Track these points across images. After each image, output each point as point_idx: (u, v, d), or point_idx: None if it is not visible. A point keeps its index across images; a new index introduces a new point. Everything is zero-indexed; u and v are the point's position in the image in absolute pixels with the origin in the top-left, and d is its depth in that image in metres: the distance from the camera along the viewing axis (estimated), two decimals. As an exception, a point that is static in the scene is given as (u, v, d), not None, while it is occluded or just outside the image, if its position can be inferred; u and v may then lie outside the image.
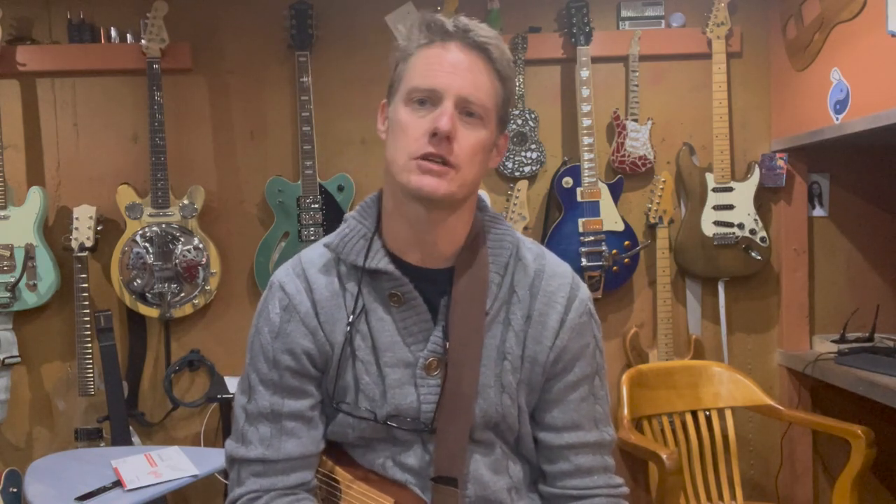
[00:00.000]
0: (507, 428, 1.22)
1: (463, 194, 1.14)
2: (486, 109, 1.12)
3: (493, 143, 1.17)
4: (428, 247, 1.18)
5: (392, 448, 1.20)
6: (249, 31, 2.69)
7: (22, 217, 2.52)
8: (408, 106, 1.12)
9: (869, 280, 2.83)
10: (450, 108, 1.09)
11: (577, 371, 1.22)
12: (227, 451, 1.22)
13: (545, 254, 1.26)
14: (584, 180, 2.63)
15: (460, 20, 1.12)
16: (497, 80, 1.14)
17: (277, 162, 2.71)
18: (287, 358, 1.18)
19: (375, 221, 1.22)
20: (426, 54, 1.12)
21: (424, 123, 1.10)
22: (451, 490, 1.16)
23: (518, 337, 1.20)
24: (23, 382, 2.66)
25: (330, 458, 1.25)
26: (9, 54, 2.58)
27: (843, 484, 2.08)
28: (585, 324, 1.23)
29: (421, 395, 1.17)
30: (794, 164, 2.73)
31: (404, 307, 1.17)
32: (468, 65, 1.11)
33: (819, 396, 2.75)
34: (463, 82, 1.10)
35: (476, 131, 1.12)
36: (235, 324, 2.70)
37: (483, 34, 1.12)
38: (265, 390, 1.19)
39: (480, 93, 1.11)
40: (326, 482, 1.25)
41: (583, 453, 1.22)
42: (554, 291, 1.21)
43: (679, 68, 2.77)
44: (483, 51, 1.12)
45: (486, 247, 1.21)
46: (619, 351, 2.79)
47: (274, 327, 1.19)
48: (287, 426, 1.18)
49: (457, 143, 1.09)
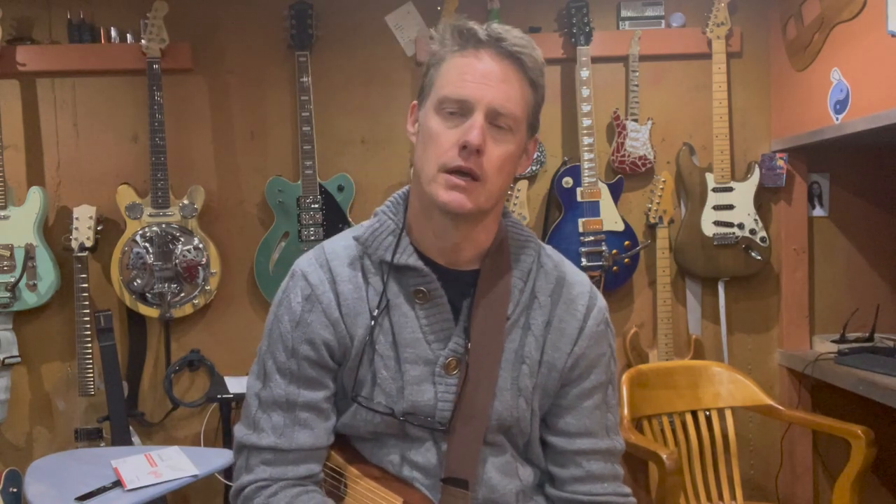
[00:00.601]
0: (519, 431, 1.22)
1: (490, 205, 1.14)
2: (517, 120, 1.12)
3: (522, 151, 1.17)
4: (453, 252, 1.19)
5: (402, 445, 1.20)
6: (249, 31, 2.69)
7: (22, 217, 2.52)
8: (438, 114, 1.11)
9: (869, 280, 2.83)
10: (480, 121, 1.09)
11: (593, 378, 1.24)
12: (236, 436, 1.22)
13: (564, 261, 1.28)
14: (584, 180, 2.63)
15: (493, 27, 1.12)
16: (529, 87, 1.13)
17: (277, 162, 2.71)
18: (306, 348, 1.18)
19: (404, 218, 1.22)
20: (458, 62, 1.11)
21: (455, 135, 1.09)
22: (462, 492, 1.16)
23: (538, 342, 1.21)
24: (23, 382, 2.66)
25: (338, 452, 1.25)
26: (9, 54, 2.58)
27: (843, 484, 2.08)
28: (603, 333, 1.25)
29: (438, 394, 1.18)
30: (794, 164, 2.73)
31: (429, 304, 1.18)
32: (500, 75, 1.10)
33: (819, 396, 2.75)
34: (495, 94, 1.09)
35: (505, 143, 1.11)
36: (235, 324, 2.70)
37: (516, 43, 1.11)
38: (281, 379, 1.19)
39: (511, 104, 1.10)
40: (332, 476, 1.25)
41: (594, 460, 1.23)
42: (574, 299, 1.23)
43: (679, 68, 2.77)
44: (515, 59, 1.11)
45: (510, 252, 1.22)
46: (619, 351, 2.79)
47: (295, 316, 1.19)
48: (301, 417, 1.18)
49: (485, 157, 1.09)
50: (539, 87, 1.15)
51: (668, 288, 2.71)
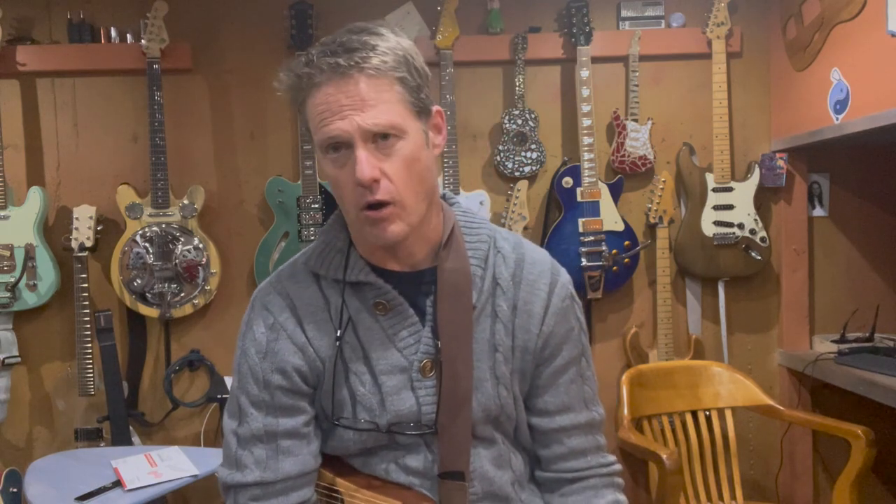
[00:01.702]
0: (507, 419, 1.23)
1: (420, 215, 1.12)
2: (395, 122, 1.06)
3: (424, 138, 1.11)
4: (405, 257, 1.18)
5: (395, 453, 1.20)
6: (249, 31, 2.69)
7: (22, 217, 2.52)
8: (326, 157, 1.09)
9: (869, 280, 2.83)
10: (362, 154, 1.05)
11: (565, 354, 1.23)
12: (220, 478, 1.20)
13: (522, 242, 1.26)
14: (584, 180, 2.63)
15: (324, 58, 1.05)
16: (394, 84, 1.07)
17: (277, 162, 2.71)
18: (278, 377, 1.17)
19: (347, 235, 1.20)
20: (315, 103, 1.07)
21: (348, 174, 1.07)
22: (459, 484, 1.16)
23: (507, 328, 1.20)
24: (23, 382, 2.66)
25: (329, 470, 1.24)
26: (9, 54, 2.58)
27: (843, 484, 2.08)
28: (569, 307, 1.24)
29: (420, 398, 1.17)
30: (794, 164, 2.73)
31: (391, 314, 1.17)
32: (357, 94, 1.04)
33: (819, 396, 2.75)
34: (361, 118, 1.04)
35: (398, 151, 1.07)
36: (235, 324, 2.68)
37: (354, 60, 1.04)
38: (257, 412, 1.17)
39: (382, 117, 1.05)
40: (327, 495, 1.24)
41: (575, 435, 1.24)
42: (536, 279, 1.22)
43: (679, 68, 2.77)
44: (361, 69, 1.05)
45: (464, 241, 1.21)
46: (619, 351, 2.79)
47: (261, 347, 1.18)
48: (283, 445, 1.17)
49: (385, 178, 1.06)
50: (404, 77, 1.07)
51: (668, 288, 2.71)
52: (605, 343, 2.78)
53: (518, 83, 2.66)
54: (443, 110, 1.19)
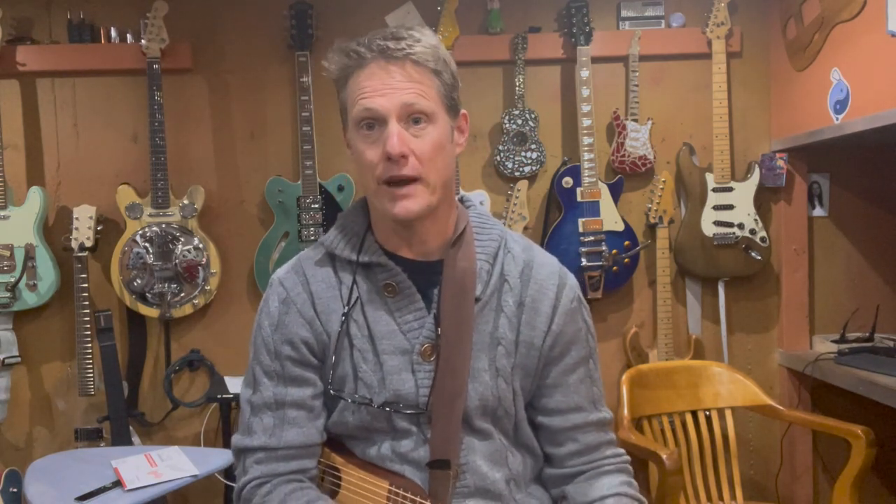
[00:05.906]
0: (505, 413, 1.25)
1: (439, 198, 1.19)
2: (431, 109, 1.15)
3: (450, 132, 1.20)
4: (417, 245, 1.24)
5: (392, 441, 1.24)
6: (249, 31, 2.69)
7: (22, 217, 2.52)
8: (359, 133, 1.17)
9: (869, 280, 2.83)
10: (395, 128, 1.13)
11: (574, 354, 1.28)
12: (233, 444, 1.27)
13: (532, 246, 1.32)
14: (584, 180, 2.63)
15: (375, 41, 1.15)
16: (431, 76, 1.16)
17: (277, 162, 2.71)
18: (287, 348, 1.23)
19: (366, 220, 1.28)
20: (358, 80, 1.16)
21: (378, 148, 1.15)
22: (444, 473, 1.19)
23: (511, 323, 1.24)
24: (23, 382, 2.66)
25: (331, 450, 1.29)
26: (9, 54, 2.58)
27: (843, 484, 2.08)
28: (576, 309, 1.29)
29: (418, 381, 1.21)
30: (794, 164, 2.73)
31: (399, 297, 1.23)
32: (398, 77, 1.14)
33: (819, 396, 2.75)
34: (399, 96, 1.13)
35: (428, 134, 1.15)
36: (235, 324, 2.70)
37: (400, 46, 1.14)
38: (269, 381, 1.24)
39: (418, 98, 1.14)
40: (326, 472, 1.29)
41: (588, 432, 1.29)
42: (544, 280, 1.27)
43: (679, 68, 2.77)
44: (406, 60, 1.14)
45: (474, 238, 1.27)
46: (619, 351, 2.79)
47: (274, 320, 1.25)
48: (289, 415, 1.23)
49: (413, 156, 1.14)
50: (441, 71, 1.17)
51: (668, 288, 2.71)
52: (605, 343, 2.78)
53: (518, 83, 2.67)
54: (468, 114, 1.27)
